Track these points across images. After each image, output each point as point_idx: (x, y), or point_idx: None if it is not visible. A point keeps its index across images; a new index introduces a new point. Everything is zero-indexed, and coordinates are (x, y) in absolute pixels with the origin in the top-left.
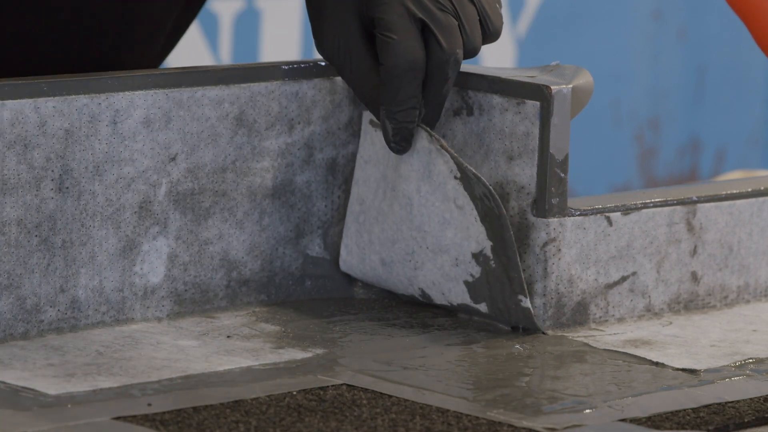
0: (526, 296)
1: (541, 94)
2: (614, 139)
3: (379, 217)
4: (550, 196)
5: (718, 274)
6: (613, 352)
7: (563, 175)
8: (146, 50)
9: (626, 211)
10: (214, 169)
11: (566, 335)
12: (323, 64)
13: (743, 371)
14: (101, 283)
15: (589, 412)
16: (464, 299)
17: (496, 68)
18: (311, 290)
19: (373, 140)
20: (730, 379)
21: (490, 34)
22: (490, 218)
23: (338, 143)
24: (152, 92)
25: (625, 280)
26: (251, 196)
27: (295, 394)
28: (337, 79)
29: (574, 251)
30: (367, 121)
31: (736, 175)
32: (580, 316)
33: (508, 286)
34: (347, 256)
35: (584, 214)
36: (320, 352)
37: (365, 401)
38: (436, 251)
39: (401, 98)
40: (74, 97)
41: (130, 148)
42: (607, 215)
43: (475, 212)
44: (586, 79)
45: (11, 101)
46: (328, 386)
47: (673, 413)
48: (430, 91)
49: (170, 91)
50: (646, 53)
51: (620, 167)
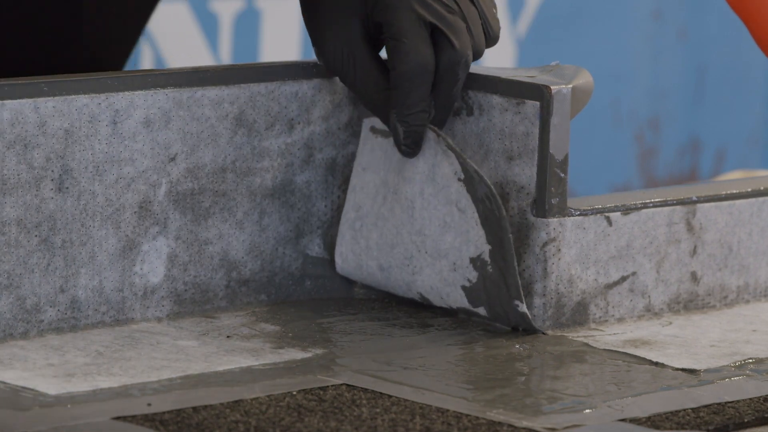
0: (522, 301)
1: (540, 94)
2: (614, 139)
3: (378, 222)
4: (550, 196)
5: (717, 274)
6: (612, 352)
7: (563, 175)
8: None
9: (626, 211)
10: (214, 169)
11: (566, 335)
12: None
13: (743, 371)
14: (101, 283)
15: (588, 412)
16: (463, 303)
17: (496, 68)
18: (311, 290)
19: (373, 147)
20: (729, 379)
21: (490, 38)
22: (490, 221)
23: (338, 143)
24: (152, 92)
25: (624, 280)
26: (251, 196)
27: (294, 394)
28: (337, 79)
29: (573, 251)
30: (367, 128)
31: (736, 175)
32: (579, 316)
33: (504, 291)
34: (342, 263)
35: (584, 214)
36: (320, 352)
37: (365, 401)
38: (434, 256)
39: (412, 101)
40: (74, 97)
41: (130, 148)
42: (607, 215)
43: (476, 216)
44: (586, 79)
45: (11, 101)
46: (327, 386)
47: (673, 413)
48: (440, 93)
49: (170, 91)
50: (646, 53)
51: (620, 167)
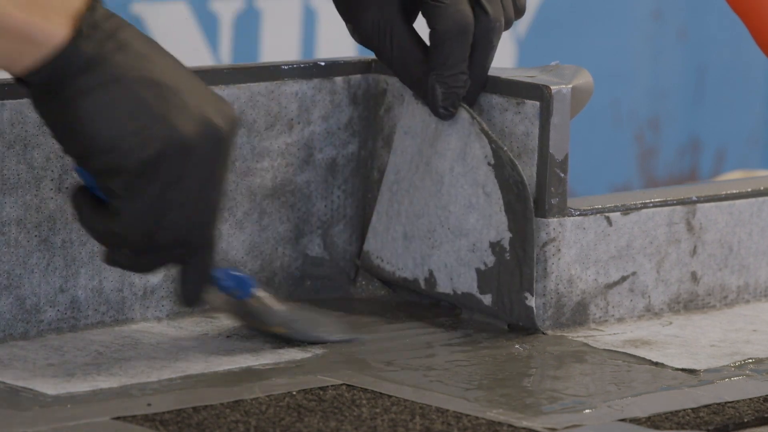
0: (532, 294)
1: (540, 94)
2: (614, 139)
3: (410, 189)
4: (550, 196)
5: (718, 274)
6: (612, 352)
7: (563, 175)
8: None
9: (626, 211)
10: None
11: (566, 335)
12: (323, 64)
13: (743, 371)
14: (101, 283)
15: (588, 412)
16: (471, 287)
17: (496, 68)
18: (311, 290)
19: (413, 112)
20: (729, 379)
21: (518, 9)
22: (515, 210)
23: (338, 143)
24: None
25: (624, 280)
26: (251, 196)
27: (294, 394)
28: (337, 79)
29: (573, 251)
30: (411, 92)
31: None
32: (579, 316)
33: (518, 280)
34: (376, 222)
35: (584, 214)
36: (320, 352)
37: (365, 401)
38: (456, 233)
39: (452, 62)
40: None
41: None
42: (606, 215)
43: (501, 201)
44: (585, 79)
45: (11, 101)
46: (328, 386)
47: (672, 413)
48: (475, 59)
49: None
50: (646, 53)
51: (620, 167)
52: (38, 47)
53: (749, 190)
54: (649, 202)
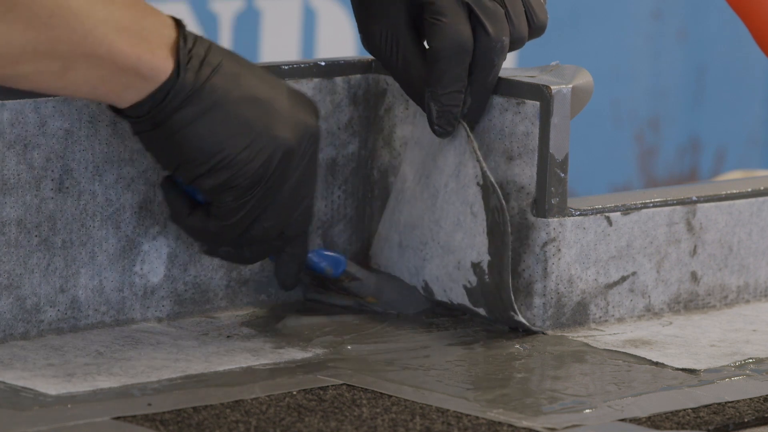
0: (517, 313)
1: (541, 94)
2: (614, 139)
3: (411, 199)
4: (550, 196)
5: (717, 274)
6: (613, 352)
7: (563, 175)
8: None
9: (626, 211)
10: None
11: (566, 335)
12: (323, 64)
13: (743, 371)
14: (101, 283)
15: (588, 412)
16: (464, 301)
17: None
18: (311, 290)
19: (424, 124)
20: (730, 379)
21: (535, 27)
22: (495, 234)
23: (338, 143)
24: None
25: (625, 280)
26: None
27: (295, 394)
28: (337, 79)
29: (574, 251)
30: None
31: (736, 175)
32: (579, 316)
33: (500, 302)
34: (382, 227)
35: (584, 214)
36: (320, 352)
37: (365, 401)
38: (445, 249)
39: (447, 81)
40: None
41: (130, 148)
42: (607, 215)
43: (485, 224)
44: (586, 79)
45: (11, 101)
46: (328, 386)
47: (673, 413)
48: (476, 78)
49: None
50: (646, 53)
51: (620, 167)
52: (146, 82)
53: (749, 190)
54: (649, 202)
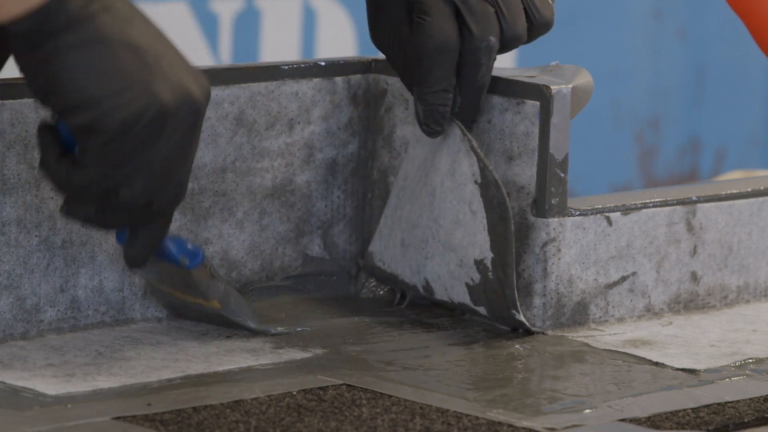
0: (518, 311)
1: (540, 94)
2: (614, 139)
3: (411, 197)
4: (550, 196)
5: (717, 274)
6: (613, 352)
7: (563, 175)
8: None
9: (626, 211)
10: (214, 169)
11: (566, 335)
12: (323, 64)
13: (743, 371)
14: (101, 283)
15: (588, 412)
16: (465, 299)
17: (496, 68)
18: (311, 290)
19: None
20: (730, 379)
21: (537, 24)
22: (496, 230)
23: (338, 143)
24: None
25: (624, 280)
26: (251, 196)
27: (294, 394)
28: (337, 79)
29: (573, 251)
30: None
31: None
32: (579, 316)
33: (502, 299)
34: (383, 225)
35: (584, 214)
36: (320, 352)
37: (365, 401)
38: (446, 247)
39: (432, 80)
40: None
41: None
42: (607, 215)
43: (485, 221)
44: (586, 79)
45: (11, 101)
46: (328, 386)
47: (672, 413)
48: (464, 77)
49: None
50: (645, 52)
51: (620, 167)
52: None
53: (749, 190)
54: (649, 202)
